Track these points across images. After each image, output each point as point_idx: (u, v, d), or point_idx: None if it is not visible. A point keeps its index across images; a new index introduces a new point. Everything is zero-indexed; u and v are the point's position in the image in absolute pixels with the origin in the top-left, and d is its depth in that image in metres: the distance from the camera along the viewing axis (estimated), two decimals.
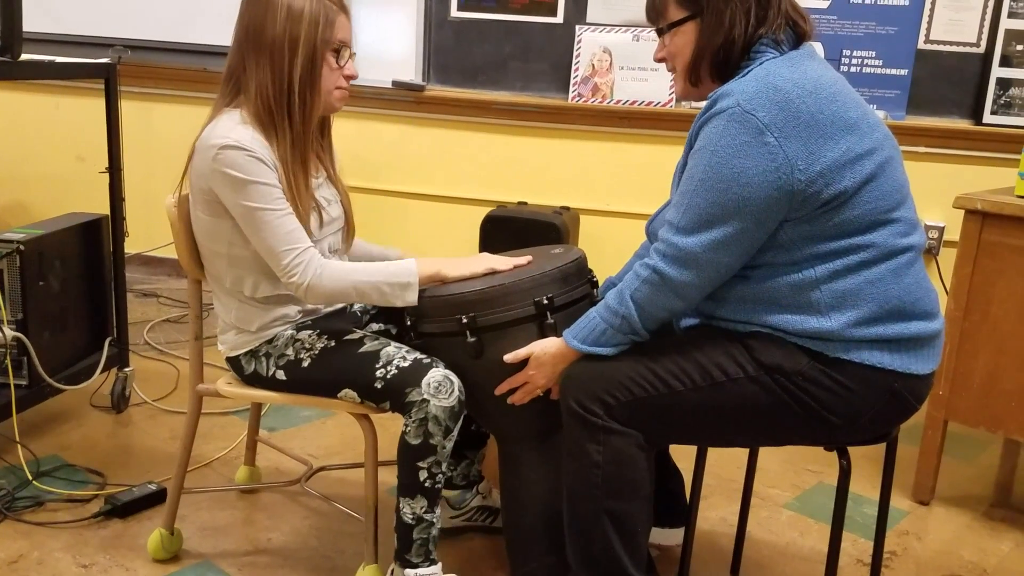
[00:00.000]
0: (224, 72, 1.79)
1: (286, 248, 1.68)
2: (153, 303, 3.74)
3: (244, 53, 1.74)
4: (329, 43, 1.74)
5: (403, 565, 1.74)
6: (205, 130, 1.73)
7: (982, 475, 2.62)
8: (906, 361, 1.48)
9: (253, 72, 1.73)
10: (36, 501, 2.13)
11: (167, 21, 3.73)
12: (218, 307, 1.85)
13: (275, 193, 1.69)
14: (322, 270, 1.69)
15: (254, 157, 1.67)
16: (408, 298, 1.70)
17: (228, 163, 1.67)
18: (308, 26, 1.71)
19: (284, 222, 1.69)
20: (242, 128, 1.70)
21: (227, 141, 1.67)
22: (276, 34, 1.70)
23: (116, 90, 2.53)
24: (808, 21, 1.56)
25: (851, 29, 3.24)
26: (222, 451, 2.46)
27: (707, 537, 2.18)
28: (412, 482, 1.70)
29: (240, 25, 1.76)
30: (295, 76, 1.72)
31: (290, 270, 1.68)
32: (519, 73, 3.58)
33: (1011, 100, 3.15)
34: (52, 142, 4.07)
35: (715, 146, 1.44)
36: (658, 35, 1.61)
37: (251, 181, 1.67)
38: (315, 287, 1.69)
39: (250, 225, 1.69)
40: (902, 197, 1.50)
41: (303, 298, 1.71)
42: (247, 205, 1.68)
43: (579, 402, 1.55)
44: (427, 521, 1.72)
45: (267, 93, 1.71)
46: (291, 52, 1.71)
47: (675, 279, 1.48)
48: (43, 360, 2.32)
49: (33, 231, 2.38)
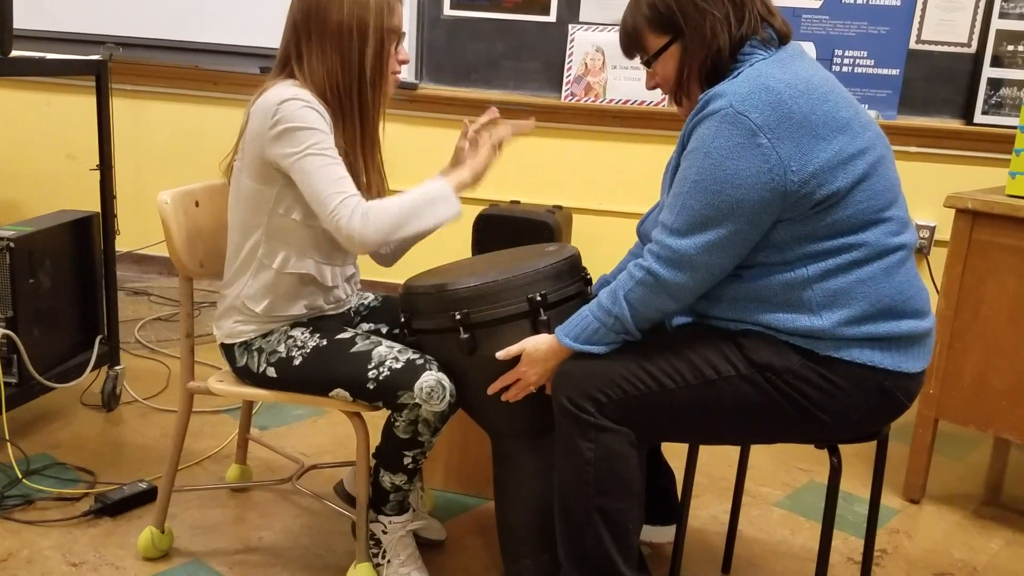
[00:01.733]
0: (278, 57, 1.79)
1: (334, 191, 1.66)
2: (144, 301, 3.72)
3: (303, 36, 1.74)
4: (394, 31, 1.76)
5: (377, 512, 1.84)
6: (260, 97, 1.72)
7: (972, 474, 2.63)
8: (897, 359, 1.48)
9: (318, 57, 1.72)
10: (26, 499, 2.12)
11: (159, 18, 3.72)
12: (224, 287, 1.83)
13: (328, 142, 1.69)
14: (368, 209, 1.66)
15: (311, 107, 1.68)
16: (452, 210, 1.72)
17: (287, 114, 1.66)
18: (375, 15, 1.72)
19: (334, 169, 1.68)
20: (302, 91, 1.70)
21: (286, 96, 1.67)
22: (343, 19, 1.71)
23: (107, 87, 2.52)
24: (778, 16, 1.56)
25: (843, 29, 3.25)
26: (213, 449, 2.45)
27: (698, 535, 2.19)
28: (395, 462, 1.76)
29: (299, 13, 1.74)
30: (366, 64, 1.73)
31: (340, 210, 1.65)
32: (512, 72, 3.58)
33: (1002, 100, 3.17)
34: (43, 139, 4.05)
35: (708, 148, 1.44)
36: (645, 66, 1.62)
37: (307, 127, 1.67)
38: (363, 228, 1.65)
39: (301, 170, 1.67)
40: (894, 196, 1.51)
41: (351, 240, 1.65)
42: (300, 150, 1.67)
43: (571, 399, 1.55)
44: (404, 490, 1.81)
45: (337, 80, 1.72)
46: (360, 39, 1.72)
47: (669, 281, 1.49)
48: (33, 358, 2.31)
49: (23, 228, 2.36)
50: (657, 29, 1.56)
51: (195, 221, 1.87)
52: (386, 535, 1.84)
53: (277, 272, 1.78)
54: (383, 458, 1.77)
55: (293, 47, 1.76)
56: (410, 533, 1.86)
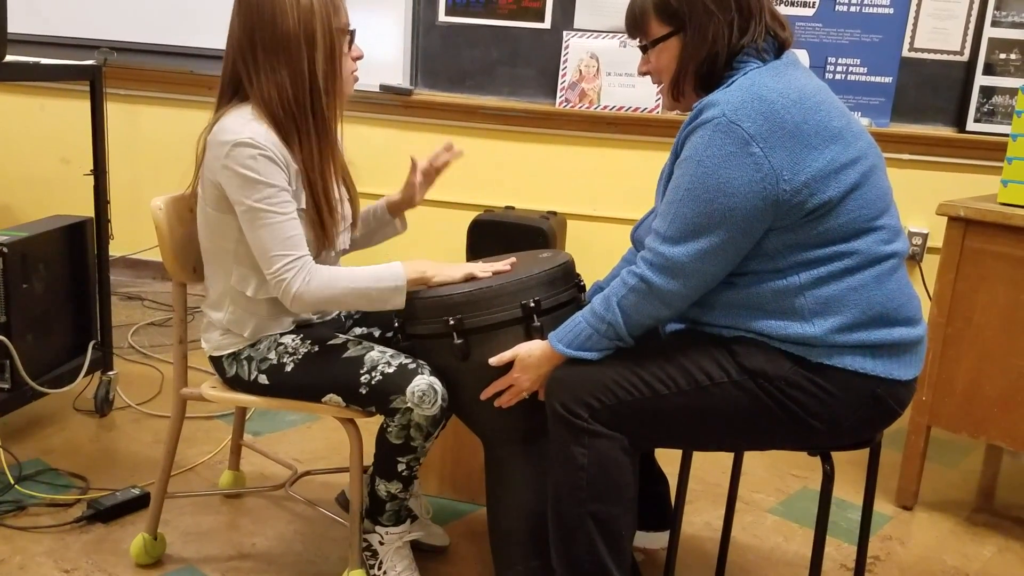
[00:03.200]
0: (222, 79, 1.74)
1: (280, 253, 1.65)
2: (138, 306, 3.72)
3: (249, 57, 1.67)
4: (342, 30, 1.71)
5: (374, 522, 1.83)
6: (216, 126, 1.69)
7: (965, 480, 2.64)
8: (889, 367, 1.49)
9: (267, 76, 1.66)
10: (18, 505, 2.12)
11: (153, 23, 3.72)
12: (208, 306, 1.83)
13: (282, 196, 1.65)
14: (310, 277, 1.66)
15: (266, 156, 1.63)
16: (396, 301, 1.69)
17: (238, 160, 1.63)
18: (321, 18, 1.66)
19: (286, 227, 1.65)
20: (255, 124, 1.66)
21: (240, 137, 1.63)
22: (290, 31, 1.64)
23: (102, 92, 2.52)
24: (788, 28, 1.57)
25: (836, 37, 3.26)
26: (206, 455, 2.45)
27: (692, 541, 2.19)
28: (390, 470, 1.76)
29: (241, 28, 1.68)
30: (317, 71, 1.67)
31: (279, 275, 1.65)
32: (507, 78, 3.59)
33: (994, 108, 3.18)
34: (37, 144, 4.05)
35: (701, 156, 1.45)
36: (641, 51, 1.62)
37: (259, 181, 1.63)
38: (302, 295, 1.66)
39: (250, 224, 1.66)
40: (885, 205, 1.51)
41: (289, 305, 1.68)
42: (251, 204, 1.64)
43: (564, 405, 1.55)
44: (400, 499, 1.81)
45: (288, 96, 1.66)
46: (309, 47, 1.66)
47: (662, 288, 1.49)
48: (26, 363, 2.31)
49: (17, 233, 2.36)
50: (662, 17, 1.56)
51: (188, 227, 1.86)
52: (383, 546, 1.83)
53: (253, 299, 1.77)
54: (378, 466, 1.77)
55: (242, 68, 1.69)
56: (407, 544, 1.85)
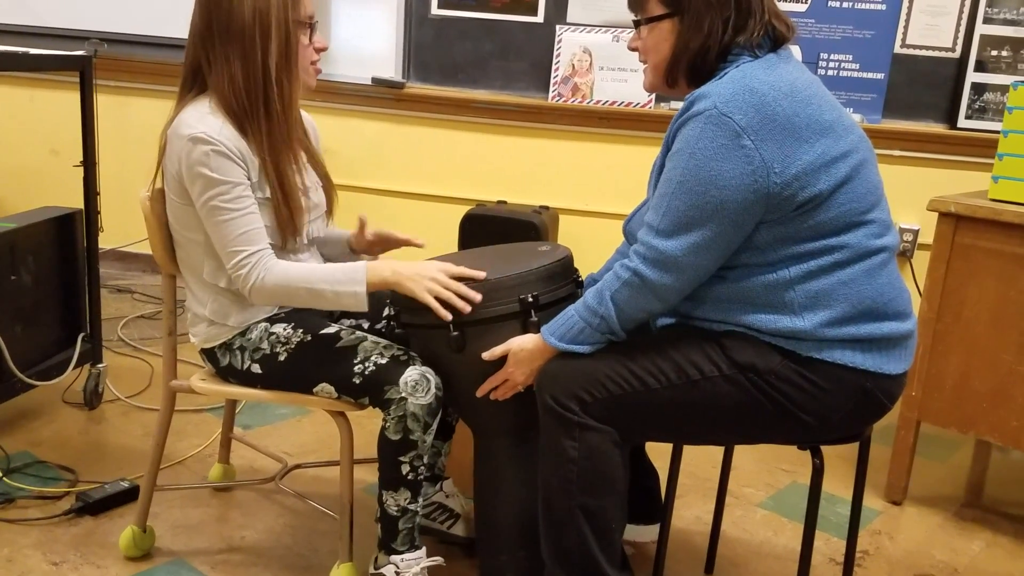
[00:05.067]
0: (184, 69, 1.73)
1: (236, 248, 1.67)
2: (127, 299, 3.70)
3: (208, 47, 1.68)
4: (300, 22, 1.70)
5: (388, 552, 1.75)
6: (175, 120, 1.70)
7: (954, 475, 2.65)
8: (878, 361, 1.49)
9: (222, 66, 1.67)
10: (6, 498, 2.11)
11: (143, 15, 3.70)
12: (190, 300, 1.83)
13: (237, 191, 1.66)
14: (266, 273, 1.67)
15: (220, 152, 1.64)
16: (356, 305, 1.67)
17: (194, 156, 1.64)
18: (277, 8, 1.66)
19: (241, 222, 1.67)
20: (211, 118, 1.67)
21: (194, 132, 1.64)
22: (245, 22, 1.65)
23: (92, 83, 2.50)
24: (792, 28, 1.56)
25: (828, 33, 3.26)
26: (196, 448, 2.44)
27: (682, 535, 2.19)
28: (395, 476, 1.71)
29: (201, 18, 1.68)
30: (270, 63, 1.67)
31: (236, 270, 1.68)
32: (499, 72, 3.58)
33: (985, 105, 3.19)
34: (25, 135, 4.02)
35: (692, 148, 1.44)
36: (634, 26, 1.62)
37: (214, 177, 1.65)
38: (258, 289, 1.68)
39: (208, 220, 1.68)
40: (876, 199, 1.51)
41: (248, 297, 1.70)
42: (207, 201, 1.66)
43: (555, 398, 1.55)
44: (411, 511, 1.73)
45: (240, 87, 1.67)
46: (263, 39, 1.66)
47: (655, 282, 1.49)
48: (14, 355, 2.30)
49: (5, 224, 2.35)
50: None
51: None
52: None
53: (227, 290, 1.77)
54: (383, 478, 1.72)
55: (201, 57, 1.70)
56: (425, 571, 1.76)
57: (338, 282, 1.66)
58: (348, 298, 1.66)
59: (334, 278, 1.66)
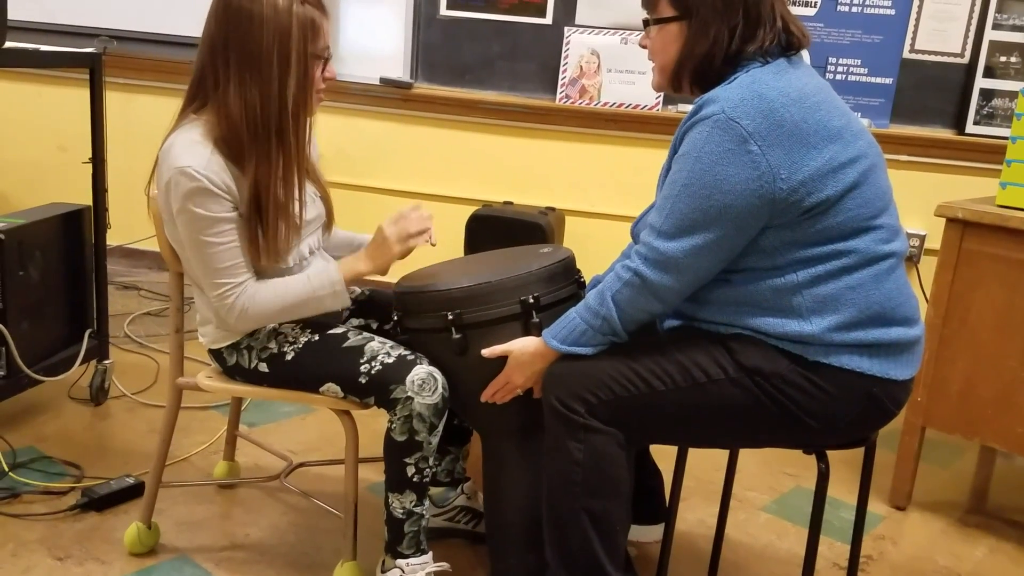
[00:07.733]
0: (193, 77, 1.69)
1: (220, 280, 1.68)
2: (134, 295, 3.71)
3: (220, 60, 1.63)
4: (318, 54, 1.67)
5: (394, 556, 1.75)
6: (167, 141, 1.67)
7: (958, 481, 2.64)
8: (885, 366, 1.49)
9: (236, 87, 1.62)
10: (11, 493, 2.11)
11: (153, 12, 3.71)
12: (199, 300, 1.83)
13: (219, 226, 1.64)
14: (250, 303, 1.69)
15: (204, 190, 1.61)
16: (338, 303, 1.73)
17: (180, 190, 1.62)
18: (298, 41, 1.62)
19: (226, 255, 1.66)
20: (200, 148, 1.63)
21: (180, 164, 1.60)
22: (264, 49, 1.60)
23: (101, 80, 2.51)
24: (806, 36, 1.55)
25: (837, 37, 3.26)
26: (201, 446, 2.45)
27: (685, 538, 2.19)
28: (400, 478, 1.70)
29: (216, 32, 1.63)
30: (288, 95, 1.63)
31: (222, 299, 1.69)
32: (507, 73, 3.58)
33: (994, 111, 3.19)
34: (34, 131, 4.04)
35: (699, 152, 1.44)
36: (644, 25, 1.62)
37: (197, 213, 1.62)
38: (243, 319, 1.70)
39: (192, 252, 1.68)
40: (884, 204, 1.51)
41: (234, 326, 1.73)
42: (191, 235, 1.65)
43: (561, 400, 1.55)
44: (417, 514, 1.73)
45: (255, 114, 1.62)
46: (281, 68, 1.61)
47: (656, 283, 1.49)
48: (22, 351, 2.30)
49: (14, 220, 2.35)
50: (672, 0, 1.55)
51: None
52: None
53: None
54: (389, 479, 1.73)
55: (210, 70, 1.64)
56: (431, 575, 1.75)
57: (315, 289, 1.71)
58: (328, 299, 1.72)
59: (311, 288, 1.71)
